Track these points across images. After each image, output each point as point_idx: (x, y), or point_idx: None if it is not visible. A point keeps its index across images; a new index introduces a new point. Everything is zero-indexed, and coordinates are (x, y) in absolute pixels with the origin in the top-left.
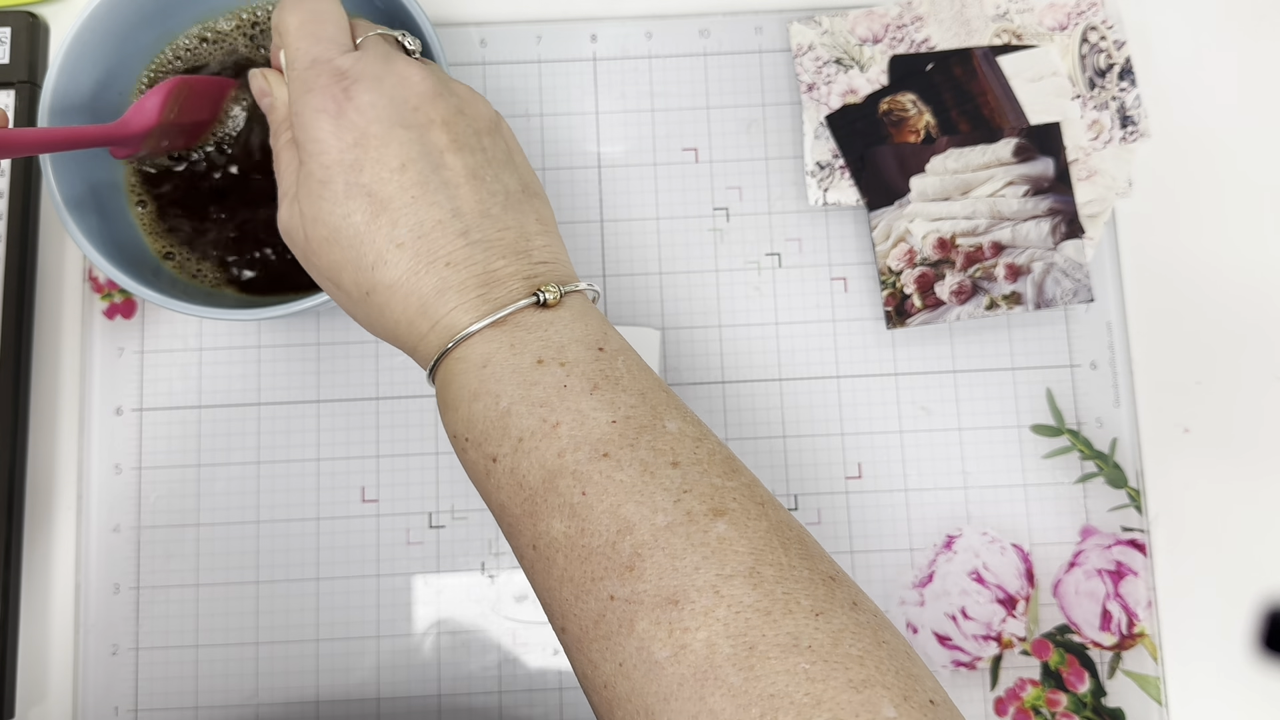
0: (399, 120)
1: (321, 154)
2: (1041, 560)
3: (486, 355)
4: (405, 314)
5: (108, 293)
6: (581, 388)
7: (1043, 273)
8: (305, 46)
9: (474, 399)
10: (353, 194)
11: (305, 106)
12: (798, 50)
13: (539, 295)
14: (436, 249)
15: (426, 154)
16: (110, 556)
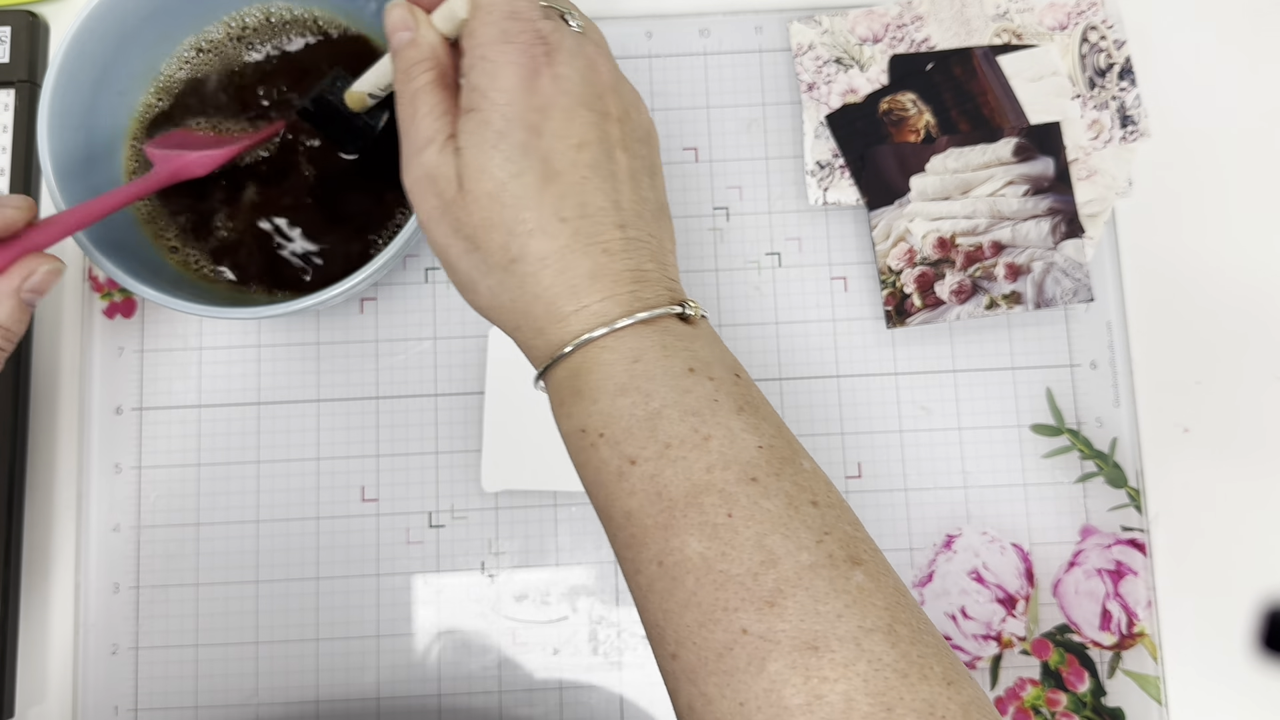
0: (585, 102)
1: (507, 105)
2: (1041, 560)
3: (638, 351)
4: (551, 290)
5: (107, 292)
6: (730, 406)
7: (1043, 272)
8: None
9: (620, 393)
10: (530, 156)
11: (501, 55)
12: (798, 50)
13: (684, 307)
14: (597, 233)
15: (602, 141)
16: (110, 556)
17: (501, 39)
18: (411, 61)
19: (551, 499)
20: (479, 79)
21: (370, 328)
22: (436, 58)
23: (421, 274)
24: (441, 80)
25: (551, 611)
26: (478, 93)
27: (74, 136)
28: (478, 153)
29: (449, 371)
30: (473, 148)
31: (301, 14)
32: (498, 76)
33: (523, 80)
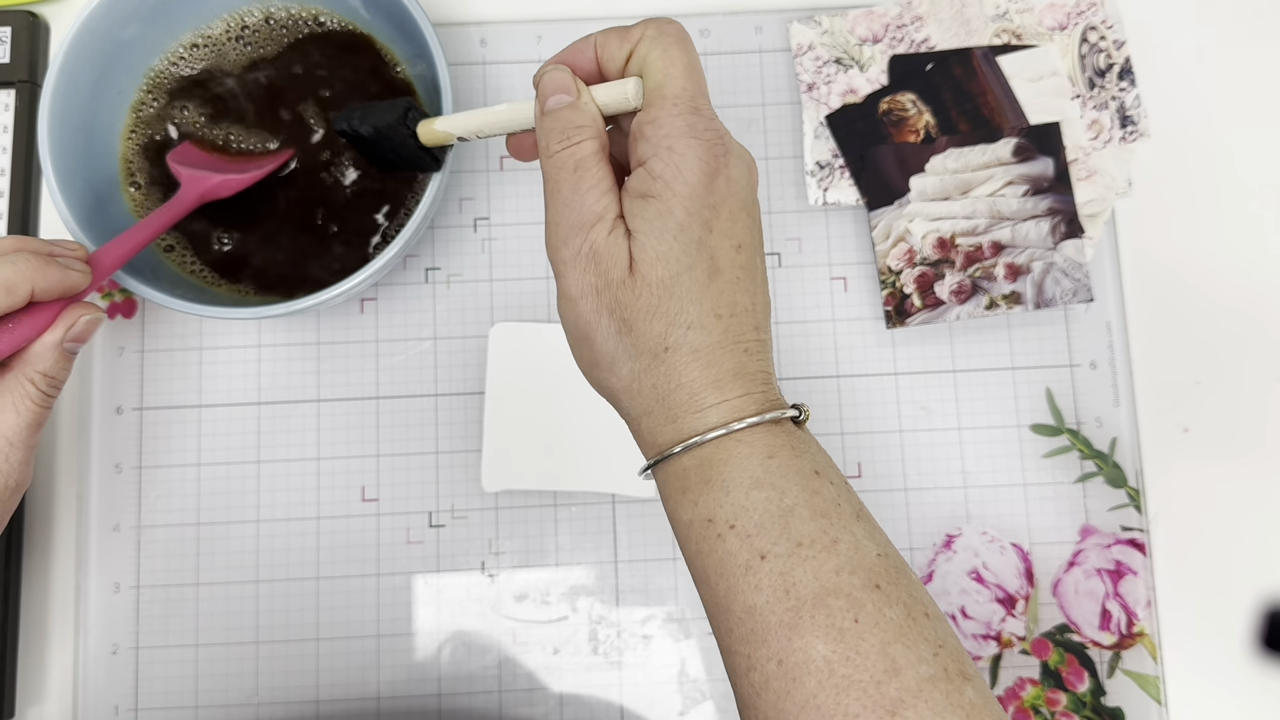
0: (745, 205)
1: (690, 198)
2: (1041, 560)
3: (773, 448)
4: (696, 383)
5: (108, 292)
6: (850, 512)
7: (1042, 272)
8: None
9: (756, 486)
10: (702, 251)
11: (688, 149)
12: (797, 50)
13: (799, 409)
14: (741, 333)
15: (753, 243)
16: (110, 556)
17: (688, 132)
18: (574, 125)
19: (552, 499)
20: (663, 169)
21: (370, 328)
22: (599, 128)
23: (421, 274)
24: (604, 153)
25: (551, 611)
26: (661, 181)
27: (74, 136)
28: (658, 241)
29: (449, 371)
30: (652, 235)
31: (300, 12)
32: (683, 169)
33: (705, 177)
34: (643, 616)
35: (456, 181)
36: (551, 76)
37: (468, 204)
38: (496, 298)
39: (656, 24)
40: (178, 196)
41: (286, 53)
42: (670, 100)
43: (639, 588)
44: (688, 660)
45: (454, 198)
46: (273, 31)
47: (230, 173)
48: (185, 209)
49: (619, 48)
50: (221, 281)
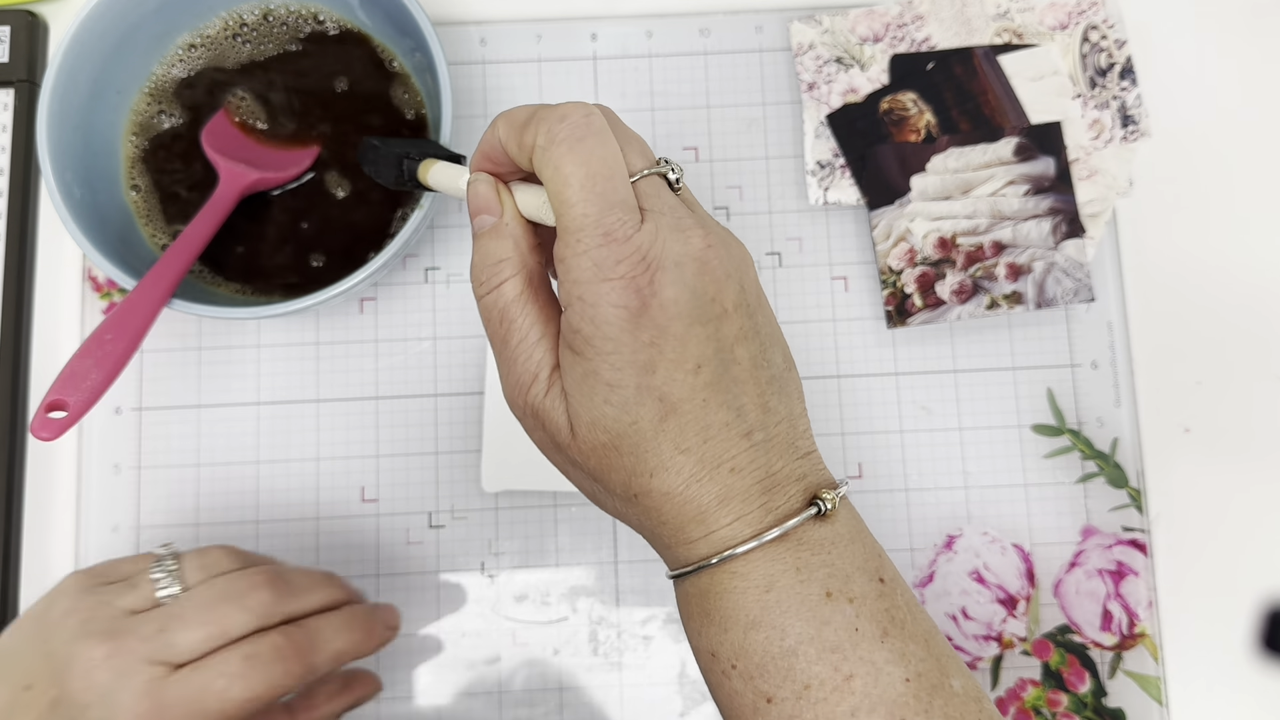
0: (698, 315)
1: (614, 354)
2: (1042, 560)
3: (770, 578)
4: (676, 520)
5: (107, 291)
6: (872, 633)
7: (1043, 272)
8: (595, 213)
9: (753, 627)
10: (644, 398)
11: (601, 298)
12: (798, 49)
13: (819, 505)
14: (721, 453)
15: (719, 351)
16: (109, 556)
17: (596, 275)
18: (493, 260)
19: (552, 499)
20: (579, 322)
21: (370, 328)
22: (521, 257)
23: (421, 274)
24: (530, 286)
25: (551, 612)
26: (580, 337)
27: (73, 136)
28: (588, 406)
29: (449, 371)
30: (582, 399)
31: (299, 10)
32: (603, 323)
33: (628, 321)
34: (643, 617)
35: None
36: (474, 190)
37: None
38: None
39: (546, 126)
40: (217, 196)
41: (286, 52)
42: (571, 235)
43: (639, 588)
44: (688, 661)
45: (454, 198)
46: (272, 30)
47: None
48: (226, 209)
49: (518, 153)
50: (221, 281)
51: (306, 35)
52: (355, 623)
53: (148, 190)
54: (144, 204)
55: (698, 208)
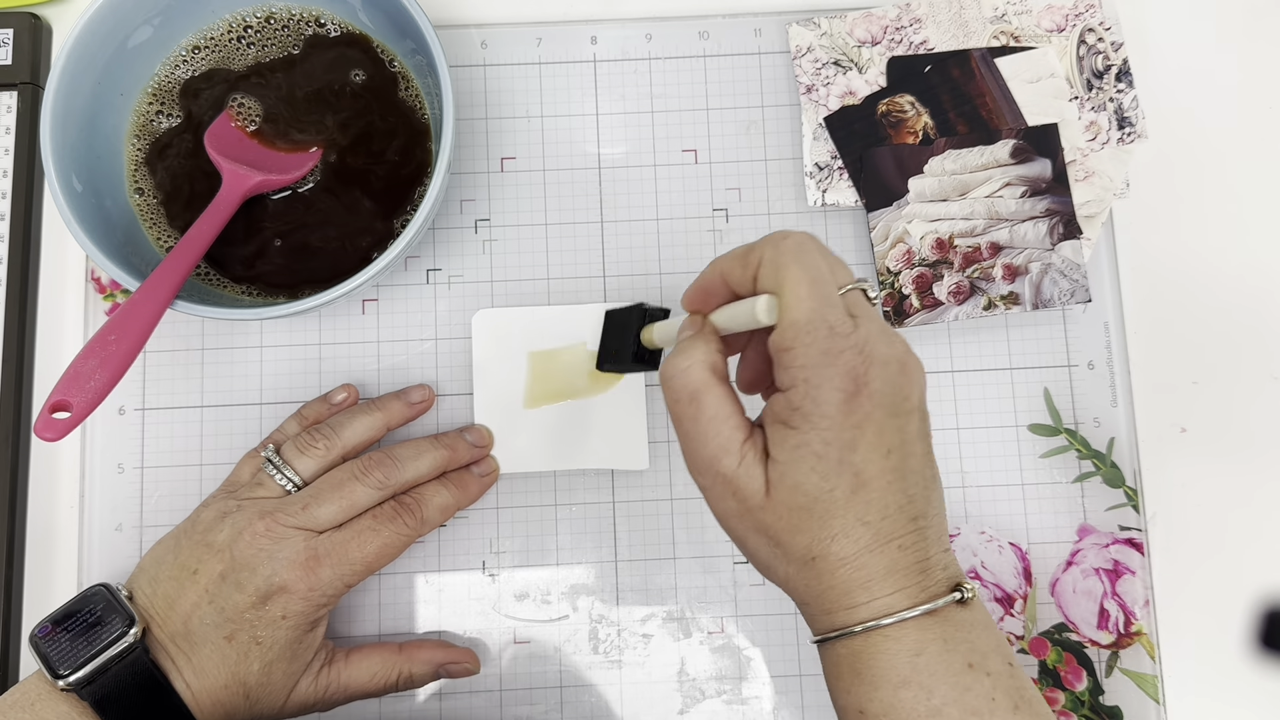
0: (893, 409)
1: (827, 429)
2: (1039, 559)
3: (921, 644)
4: (845, 584)
5: (110, 293)
6: (1006, 705)
7: (1040, 273)
8: (819, 309)
9: (902, 685)
10: (843, 471)
11: (825, 379)
12: (796, 52)
13: (962, 592)
14: (893, 531)
15: (904, 443)
16: (113, 555)
17: (823, 361)
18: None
19: (552, 499)
20: (800, 400)
21: (372, 328)
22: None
23: (423, 275)
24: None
25: (552, 610)
26: (799, 414)
27: (76, 138)
28: (794, 471)
29: (450, 372)
30: (789, 464)
31: (301, 13)
32: (820, 401)
33: (844, 402)
34: (643, 616)
35: (457, 183)
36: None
37: (469, 205)
38: (497, 299)
39: (773, 244)
40: (220, 198)
41: (289, 54)
42: (802, 329)
43: (639, 587)
44: (688, 660)
45: (455, 199)
46: (274, 33)
47: (263, 159)
48: (230, 211)
49: (742, 273)
50: (224, 282)
51: (309, 38)
52: (452, 482)
53: (151, 192)
54: (147, 206)
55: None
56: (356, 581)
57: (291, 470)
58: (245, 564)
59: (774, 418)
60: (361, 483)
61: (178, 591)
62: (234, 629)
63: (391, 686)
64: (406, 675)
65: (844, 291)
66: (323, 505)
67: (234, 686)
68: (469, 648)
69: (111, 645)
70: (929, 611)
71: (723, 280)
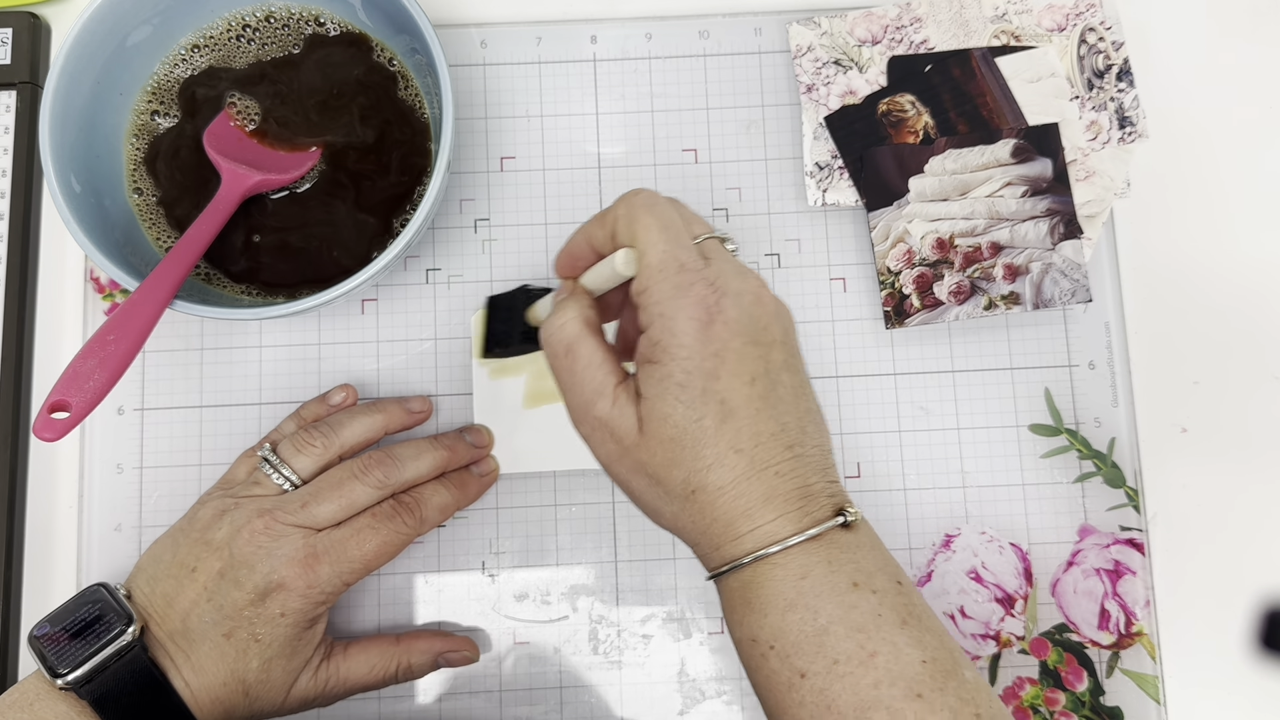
0: (753, 337)
1: (686, 358)
2: (1040, 559)
3: (806, 568)
4: (727, 514)
5: (109, 293)
6: (893, 620)
7: (1041, 273)
8: (670, 249)
9: (789, 609)
10: (708, 399)
11: (679, 312)
12: (797, 51)
13: (845, 516)
14: (769, 458)
15: (768, 371)
16: (112, 555)
17: (674, 294)
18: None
19: (552, 499)
20: (658, 334)
21: (371, 328)
22: (581, 309)
23: (422, 275)
24: (589, 328)
25: (552, 611)
26: (659, 347)
27: (75, 137)
28: (660, 403)
29: (450, 372)
30: (655, 398)
31: (301, 12)
32: (676, 332)
33: (699, 331)
34: (643, 616)
35: (457, 183)
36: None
37: (468, 205)
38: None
39: (625, 200)
40: (219, 198)
41: (288, 54)
42: (654, 268)
43: (639, 587)
44: (688, 660)
45: (455, 199)
46: (274, 32)
47: (262, 158)
48: (229, 211)
49: (601, 232)
50: (223, 282)
51: (308, 37)
52: (452, 482)
53: (150, 192)
54: (146, 206)
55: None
56: (355, 580)
57: (289, 469)
58: (244, 561)
59: (641, 359)
60: (361, 481)
61: (176, 589)
62: (232, 626)
63: (391, 678)
64: (406, 666)
65: (700, 240)
66: (322, 504)
67: (233, 684)
68: (467, 636)
69: (110, 644)
70: (813, 537)
71: (587, 244)
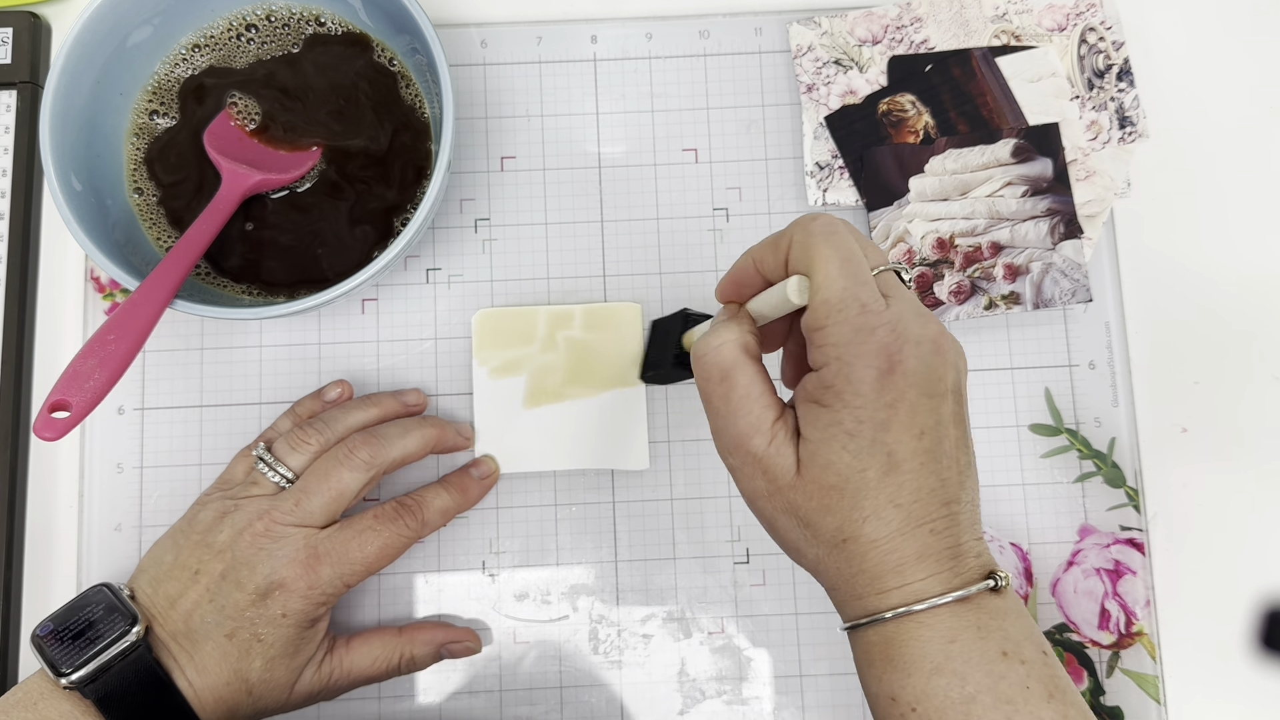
0: (927, 389)
1: (860, 407)
2: (1040, 559)
3: (954, 632)
4: (877, 567)
5: (109, 292)
6: (1040, 693)
7: (1041, 273)
8: (850, 286)
9: (935, 672)
10: (876, 451)
11: (858, 359)
12: (797, 51)
13: (995, 580)
14: (925, 514)
15: (938, 424)
16: (112, 555)
17: (855, 338)
18: (720, 335)
19: (552, 499)
20: (833, 378)
21: (371, 328)
22: (741, 335)
23: (422, 274)
24: (749, 357)
25: (552, 611)
26: (831, 391)
27: (76, 137)
28: (825, 449)
29: (450, 371)
30: (820, 443)
31: (301, 12)
32: (853, 380)
33: (876, 380)
34: (643, 616)
35: (457, 182)
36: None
37: (468, 205)
38: (497, 298)
39: (802, 226)
40: (219, 198)
41: (288, 54)
42: (834, 306)
43: (639, 587)
44: (688, 660)
45: (455, 199)
46: (274, 32)
47: (263, 158)
48: (229, 211)
49: (773, 258)
50: (223, 282)
51: (308, 37)
52: (453, 485)
53: (150, 192)
54: (147, 205)
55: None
56: (356, 582)
57: (284, 467)
58: (245, 562)
59: (806, 397)
60: (346, 466)
61: (179, 591)
62: (234, 626)
63: (394, 669)
64: (409, 658)
65: (877, 272)
66: (312, 497)
67: (236, 683)
68: (469, 627)
69: (114, 644)
70: (962, 598)
71: (755, 268)
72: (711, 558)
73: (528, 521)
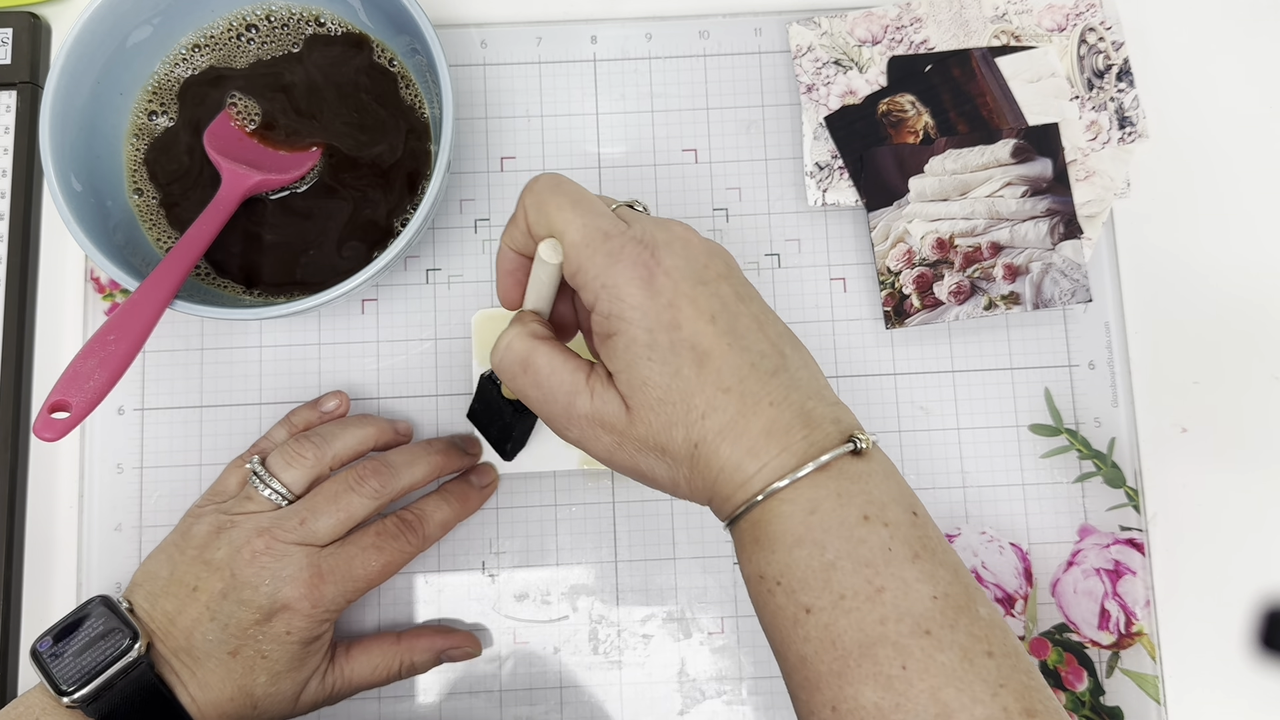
0: (697, 278)
1: (641, 318)
2: (1040, 559)
3: (814, 501)
4: (733, 458)
5: (109, 293)
6: (904, 554)
7: (1041, 273)
8: (589, 221)
9: (796, 544)
10: (679, 349)
11: (619, 276)
12: (797, 51)
13: (855, 442)
14: (759, 390)
15: (725, 306)
16: (112, 555)
17: (608, 262)
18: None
19: (552, 499)
20: (607, 306)
21: (371, 328)
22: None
23: (422, 275)
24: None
25: (552, 611)
26: (612, 317)
27: (76, 137)
28: (635, 370)
29: (449, 371)
30: (628, 368)
31: (301, 12)
32: (623, 296)
33: (644, 287)
34: (643, 616)
35: (457, 183)
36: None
37: (468, 205)
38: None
39: (529, 190)
40: (219, 198)
41: (288, 54)
42: (580, 244)
43: (639, 587)
44: (688, 660)
45: (455, 199)
46: (274, 32)
47: (263, 158)
48: (229, 211)
49: (520, 233)
50: (223, 282)
51: (308, 37)
52: (453, 496)
53: (150, 192)
54: (147, 206)
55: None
56: (358, 597)
57: (279, 483)
58: (247, 582)
59: (599, 338)
60: (357, 493)
61: (178, 608)
62: (238, 645)
63: (395, 676)
64: (409, 664)
65: (614, 208)
66: (320, 518)
67: (240, 699)
68: (468, 631)
69: (116, 660)
70: (821, 466)
71: (512, 251)
72: (711, 558)
73: (528, 522)
